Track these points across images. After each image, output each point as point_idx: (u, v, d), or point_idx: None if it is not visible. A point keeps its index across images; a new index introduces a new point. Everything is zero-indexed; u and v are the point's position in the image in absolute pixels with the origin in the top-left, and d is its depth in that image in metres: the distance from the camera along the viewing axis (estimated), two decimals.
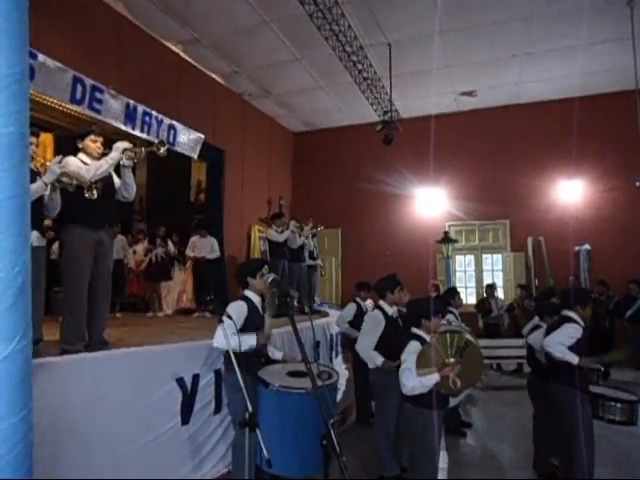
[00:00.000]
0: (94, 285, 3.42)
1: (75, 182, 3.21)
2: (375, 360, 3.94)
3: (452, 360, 3.01)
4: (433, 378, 2.95)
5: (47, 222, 3.99)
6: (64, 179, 3.16)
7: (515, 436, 5.02)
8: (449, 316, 5.16)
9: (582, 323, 3.49)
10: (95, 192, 3.22)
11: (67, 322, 3.30)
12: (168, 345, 3.50)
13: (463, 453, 4.66)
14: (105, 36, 6.80)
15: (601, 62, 8.56)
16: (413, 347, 3.10)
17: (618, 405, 3.50)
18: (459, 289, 7.23)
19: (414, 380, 2.97)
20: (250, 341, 3.13)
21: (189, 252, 7.63)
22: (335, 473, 1.76)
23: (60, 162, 3.19)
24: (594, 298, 3.72)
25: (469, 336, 3.28)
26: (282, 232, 7.16)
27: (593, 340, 4.40)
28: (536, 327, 4.18)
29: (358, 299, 5.72)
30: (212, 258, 7.60)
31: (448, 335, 3.10)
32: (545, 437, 4.03)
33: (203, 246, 7.56)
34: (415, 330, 3.25)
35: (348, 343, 5.96)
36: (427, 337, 3.19)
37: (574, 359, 3.30)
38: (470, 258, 11.11)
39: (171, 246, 7.79)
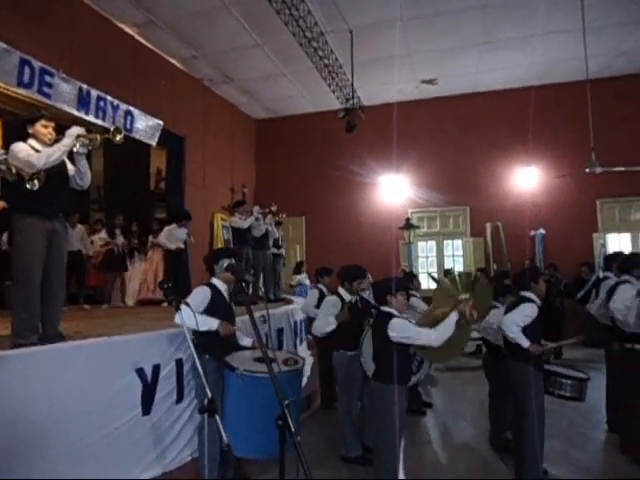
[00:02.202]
0: (48, 276, 3.30)
1: (15, 171, 3.06)
2: (327, 326, 4.10)
3: (465, 296, 3.15)
4: (452, 318, 3.09)
5: None
6: (2, 167, 3.01)
7: (473, 413, 5.22)
8: (412, 299, 5.28)
9: (539, 302, 3.64)
10: (37, 182, 3.07)
11: (19, 315, 3.18)
12: (126, 335, 3.43)
13: (423, 431, 4.81)
14: (55, 16, 6.50)
15: (555, 52, 8.84)
16: (399, 324, 3.16)
17: (569, 382, 3.68)
18: (421, 274, 7.45)
19: (434, 332, 3.09)
20: (211, 323, 3.15)
21: (164, 241, 7.28)
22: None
23: (5, 152, 3.05)
24: (545, 280, 3.87)
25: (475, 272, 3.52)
26: (246, 219, 7.10)
27: (545, 320, 4.62)
28: (492, 307, 4.33)
29: (320, 285, 5.76)
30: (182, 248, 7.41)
31: (457, 276, 3.24)
32: (500, 413, 4.22)
33: (179, 235, 7.34)
34: (384, 308, 3.33)
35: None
36: (396, 313, 3.27)
37: (525, 343, 3.45)
38: (432, 244, 11.36)
39: (120, 238, 7.53)
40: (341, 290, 4.31)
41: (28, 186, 3.03)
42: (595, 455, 4.15)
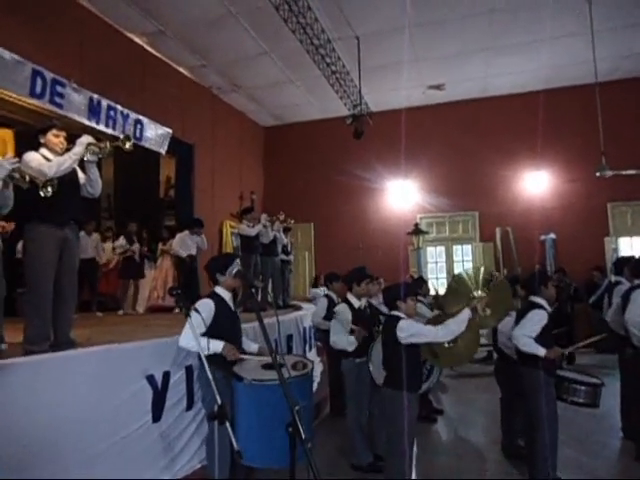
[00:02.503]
0: (60, 284, 3.33)
1: (29, 179, 3.10)
2: (349, 346, 4.00)
3: (480, 293, 3.13)
4: (465, 313, 3.09)
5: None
6: (16, 175, 3.05)
7: (485, 420, 5.17)
8: (418, 305, 5.25)
9: (548, 308, 3.59)
10: (50, 189, 3.10)
11: (31, 322, 3.21)
12: (137, 342, 3.44)
13: (434, 438, 4.77)
14: (65, 28, 6.61)
15: (563, 56, 8.81)
16: (406, 323, 3.17)
17: (583, 388, 3.62)
18: (431, 280, 7.42)
19: (441, 328, 3.09)
20: (217, 347, 3.06)
21: (177, 248, 7.33)
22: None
23: (19, 160, 3.09)
24: (554, 285, 3.82)
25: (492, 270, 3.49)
26: (253, 226, 7.12)
27: (556, 326, 4.61)
28: None
29: (330, 292, 5.75)
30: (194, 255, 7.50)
31: (472, 271, 3.22)
32: (512, 420, 4.16)
33: (193, 243, 7.42)
34: (394, 312, 3.33)
35: (323, 336, 5.99)
36: (405, 317, 3.26)
37: (540, 352, 3.39)
38: (441, 249, 11.30)
39: (136, 245, 7.61)
40: (350, 296, 4.28)
41: (42, 193, 3.07)
42: (610, 463, 4.08)
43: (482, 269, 3.26)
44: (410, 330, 3.14)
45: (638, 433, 4.09)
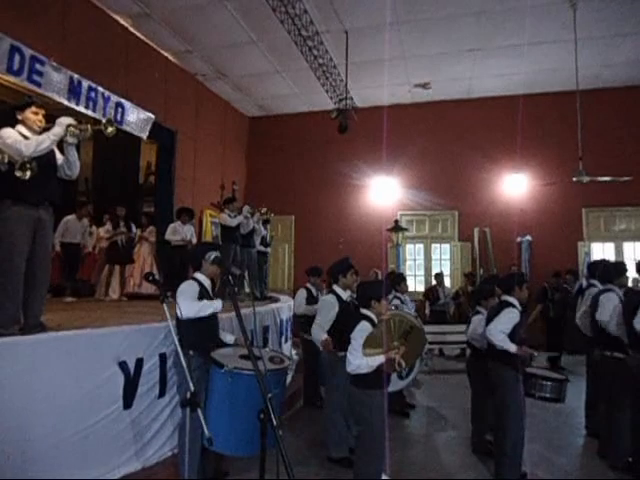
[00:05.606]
0: (32, 266, 3.26)
1: (7, 160, 3.01)
2: (319, 337, 4.02)
3: (396, 343, 3.16)
4: (378, 360, 3.08)
5: None
6: None
7: (456, 416, 5.26)
8: (395, 301, 5.31)
9: (520, 307, 3.68)
10: (28, 173, 3.02)
11: (2, 305, 3.12)
12: (110, 328, 3.40)
13: (406, 432, 4.83)
14: (47, 4, 6.40)
15: (546, 62, 8.94)
16: (363, 327, 3.19)
17: (549, 383, 3.74)
18: (409, 277, 7.49)
19: (360, 359, 3.09)
20: (216, 305, 3.23)
21: (170, 237, 7.25)
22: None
23: None
24: (553, 288, 3.92)
25: (413, 320, 3.47)
26: (235, 217, 7.08)
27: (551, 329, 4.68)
28: (476, 312, 4.38)
29: (308, 285, 5.76)
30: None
31: (395, 320, 3.24)
32: (481, 415, 4.25)
33: (184, 233, 7.36)
34: (364, 311, 3.34)
35: (298, 328, 6.01)
36: (375, 318, 3.28)
37: (512, 348, 3.48)
38: (420, 247, 11.40)
39: (133, 228, 7.48)
40: (336, 288, 4.26)
41: (18, 174, 2.99)
42: (574, 459, 4.21)
43: (403, 322, 3.34)
44: (354, 335, 3.18)
45: (601, 430, 4.23)
